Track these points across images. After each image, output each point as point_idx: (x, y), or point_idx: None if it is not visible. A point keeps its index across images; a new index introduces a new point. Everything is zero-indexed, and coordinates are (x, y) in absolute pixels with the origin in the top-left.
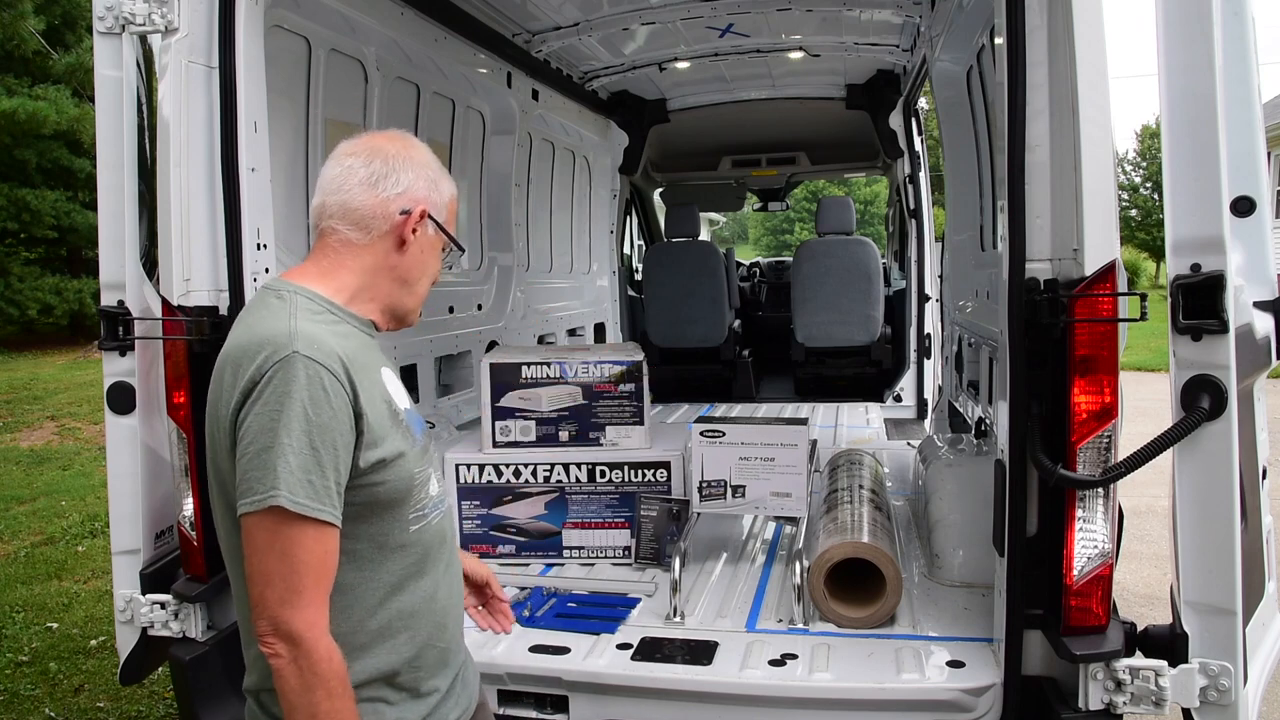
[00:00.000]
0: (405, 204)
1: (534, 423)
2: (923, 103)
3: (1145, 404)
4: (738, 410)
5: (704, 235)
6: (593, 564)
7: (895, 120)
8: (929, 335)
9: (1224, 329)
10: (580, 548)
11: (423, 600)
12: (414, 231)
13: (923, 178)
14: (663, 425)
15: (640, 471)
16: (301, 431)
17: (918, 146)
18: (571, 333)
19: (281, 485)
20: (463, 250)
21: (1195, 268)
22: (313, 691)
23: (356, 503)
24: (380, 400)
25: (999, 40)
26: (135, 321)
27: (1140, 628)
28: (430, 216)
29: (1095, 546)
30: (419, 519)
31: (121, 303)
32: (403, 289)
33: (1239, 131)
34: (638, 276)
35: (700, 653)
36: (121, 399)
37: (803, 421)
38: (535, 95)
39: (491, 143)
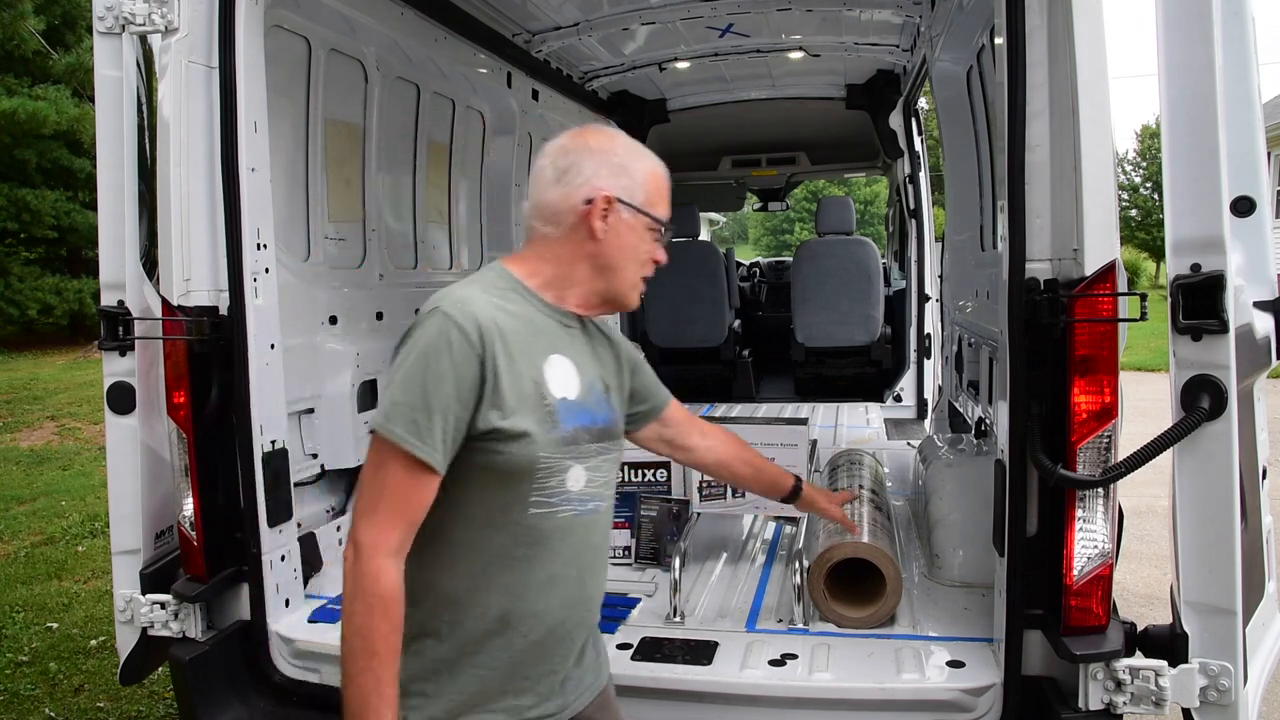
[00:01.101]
0: (588, 194)
1: None
2: (923, 103)
3: (1145, 404)
4: (738, 410)
5: (704, 235)
6: None
7: (895, 120)
8: (929, 335)
9: (1224, 329)
10: None
11: (530, 588)
12: (604, 218)
13: (923, 178)
14: None
15: (640, 471)
16: (418, 374)
17: (918, 146)
18: None
19: (384, 415)
20: (667, 228)
21: (1195, 268)
22: (354, 601)
23: (475, 463)
24: (527, 379)
25: (999, 40)
26: (135, 321)
27: (1140, 628)
28: (621, 201)
29: (1095, 546)
30: (543, 505)
31: (121, 303)
32: (606, 274)
33: (1239, 131)
34: None
35: (700, 653)
36: (121, 399)
37: (803, 421)
38: (535, 95)
39: (491, 143)
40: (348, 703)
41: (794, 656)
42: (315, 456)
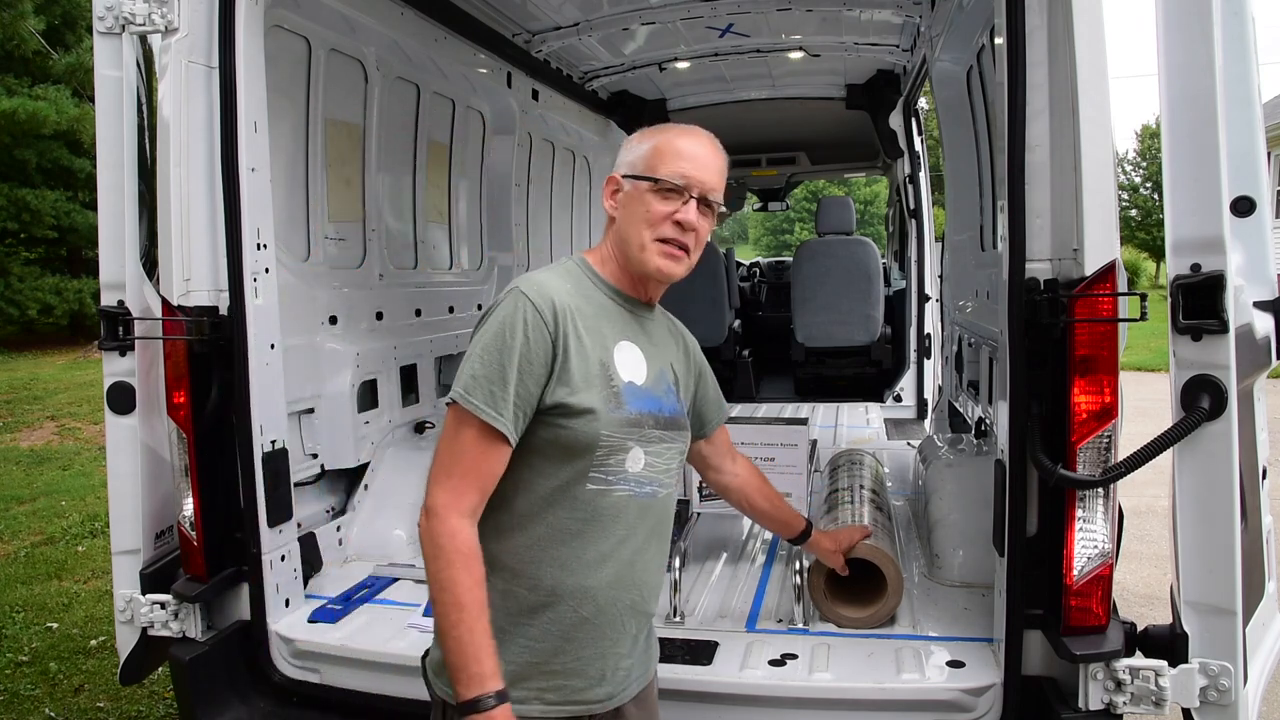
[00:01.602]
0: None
1: None
2: (923, 103)
3: (1145, 404)
4: (738, 410)
5: None
6: None
7: (895, 120)
8: (929, 335)
9: (1224, 329)
10: None
11: (581, 563)
12: (614, 196)
13: (923, 178)
14: None
15: None
16: (495, 349)
17: (918, 146)
18: None
19: (462, 386)
20: (655, 181)
21: (1195, 268)
22: (435, 560)
23: (541, 436)
24: (595, 360)
25: (999, 40)
26: (135, 321)
27: (1140, 628)
28: (625, 175)
29: (1095, 546)
30: (600, 482)
31: (121, 303)
32: (622, 245)
33: (1239, 131)
34: None
35: (700, 653)
36: (121, 399)
37: (803, 421)
38: (535, 95)
39: (491, 143)
40: (448, 658)
41: (794, 656)
42: (315, 456)
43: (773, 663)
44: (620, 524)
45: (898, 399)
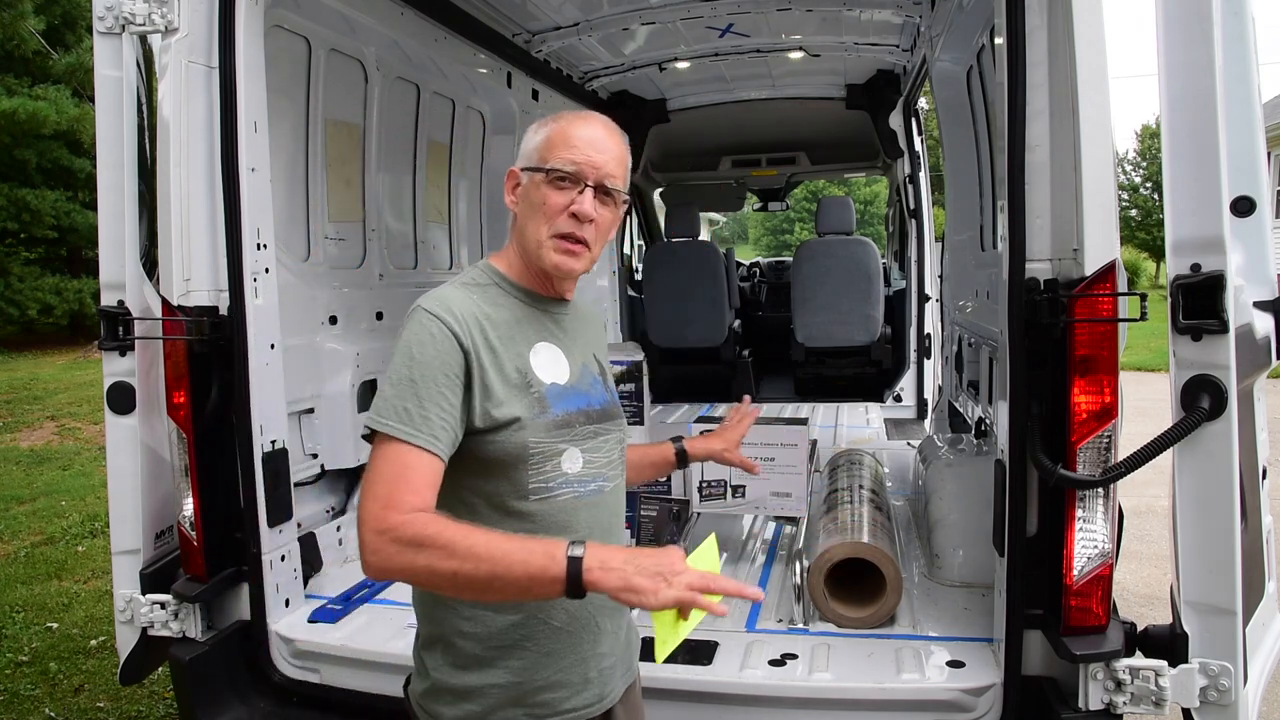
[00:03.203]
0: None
1: None
2: (923, 103)
3: (1145, 404)
4: None
5: (704, 235)
6: None
7: (895, 120)
8: (929, 335)
9: (1224, 329)
10: None
11: None
12: (513, 191)
13: (923, 178)
14: (663, 425)
15: None
16: (405, 368)
17: (918, 146)
18: None
19: (375, 410)
20: (546, 171)
21: (1195, 268)
22: (413, 554)
23: (477, 457)
24: (511, 368)
25: (999, 40)
26: (135, 321)
27: (1140, 628)
28: (522, 169)
29: (1095, 546)
30: (541, 490)
31: (121, 303)
32: (522, 240)
33: (1239, 131)
34: (638, 276)
35: (700, 653)
36: (121, 399)
37: (803, 421)
38: (535, 95)
39: (491, 143)
40: (513, 582)
41: (794, 656)
42: (315, 456)
43: (773, 663)
44: (571, 529)
45: (898, 399)
